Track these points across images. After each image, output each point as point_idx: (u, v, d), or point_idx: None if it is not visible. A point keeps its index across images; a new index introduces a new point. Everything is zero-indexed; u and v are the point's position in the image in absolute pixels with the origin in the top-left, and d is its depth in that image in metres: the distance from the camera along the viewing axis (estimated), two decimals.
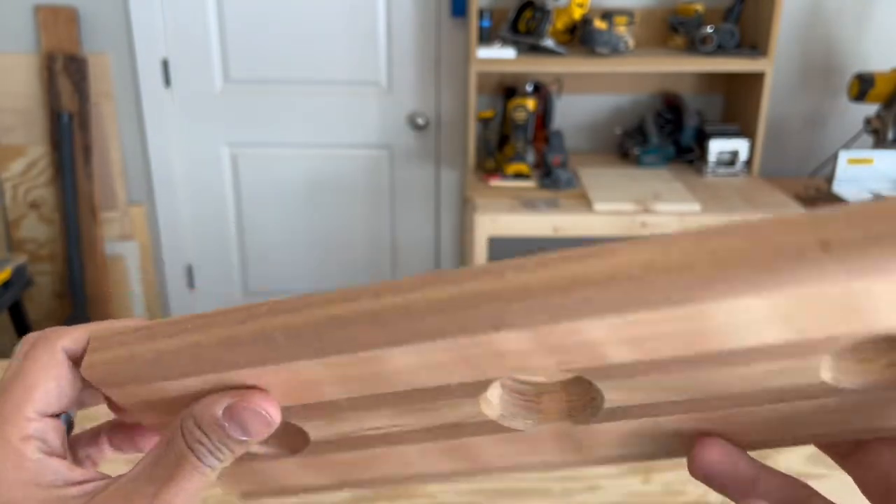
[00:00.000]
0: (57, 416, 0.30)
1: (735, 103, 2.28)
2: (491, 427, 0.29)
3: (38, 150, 2.27)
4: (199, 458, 0.28)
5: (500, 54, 2.05)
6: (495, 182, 2.06)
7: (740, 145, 2.13)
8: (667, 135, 2.24)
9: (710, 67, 2.12)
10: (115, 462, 0.35)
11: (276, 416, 0.28)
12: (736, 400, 0.26)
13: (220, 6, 2.23)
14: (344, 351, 0.25)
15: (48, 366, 0.30)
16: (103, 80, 2.25)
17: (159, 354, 0.28)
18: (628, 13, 2.10)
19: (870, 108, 2.12)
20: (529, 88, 2.20)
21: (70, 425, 0.33)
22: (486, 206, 1.92)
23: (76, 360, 0.30)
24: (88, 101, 2.22)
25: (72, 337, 0.30)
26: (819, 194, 2.06)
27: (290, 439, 0.31)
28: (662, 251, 0.22)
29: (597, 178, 2.09)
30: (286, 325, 0.26)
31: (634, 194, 1.95)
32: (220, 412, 0.28)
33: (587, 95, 2.34)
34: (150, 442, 0.35)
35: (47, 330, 0.31)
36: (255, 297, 2.55)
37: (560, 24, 2.13)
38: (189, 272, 2.53)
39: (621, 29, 2.09)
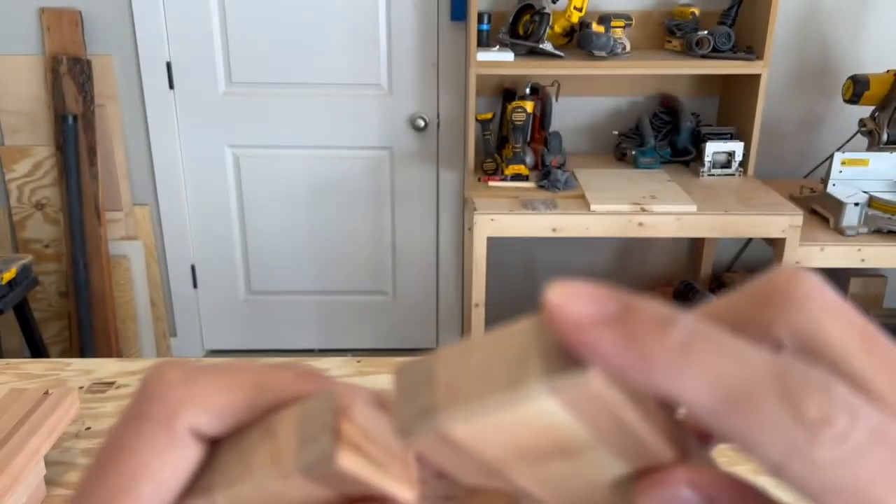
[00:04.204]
0: None
1: (731, 105, 2.31)
2: None
3: (43, 152, 2.29)
4: None
5: (499, 57, 2.07)
6: (494, 183, 2.09)
7: (736, 147, 2.15)
8: (663, 136, 2.26)
9: (706, 70, 2.15)
10: None
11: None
12: None
13: (223, 9, 2.25)
14: None
15: (163, 449, 0.20)
16: (107, 82, 2.27)
17: None
18: (625, 16, 2.13)
19: (864, 110, 2.14)
20: (528, 91, 2.23)
21: None
22: (485, 206, 1.94)
23: (210, 437, 0.21)
24: (93, 102, 2.24)
25: (207, 408, 0.21)
26: (814, 195, 2.09)
27: None
28: None
29: (594, 179, 2.12)
30: None
31: (631, 195, 1.98)
32: None
33: (585, 98, 2.37)
34: None
35: (169, 386, 0.21)
36: (258, 297, 2.57)
37: (558, 27, 2.16)
38: (192, 272, 2.55)
39: (618, 32, 2.11)
